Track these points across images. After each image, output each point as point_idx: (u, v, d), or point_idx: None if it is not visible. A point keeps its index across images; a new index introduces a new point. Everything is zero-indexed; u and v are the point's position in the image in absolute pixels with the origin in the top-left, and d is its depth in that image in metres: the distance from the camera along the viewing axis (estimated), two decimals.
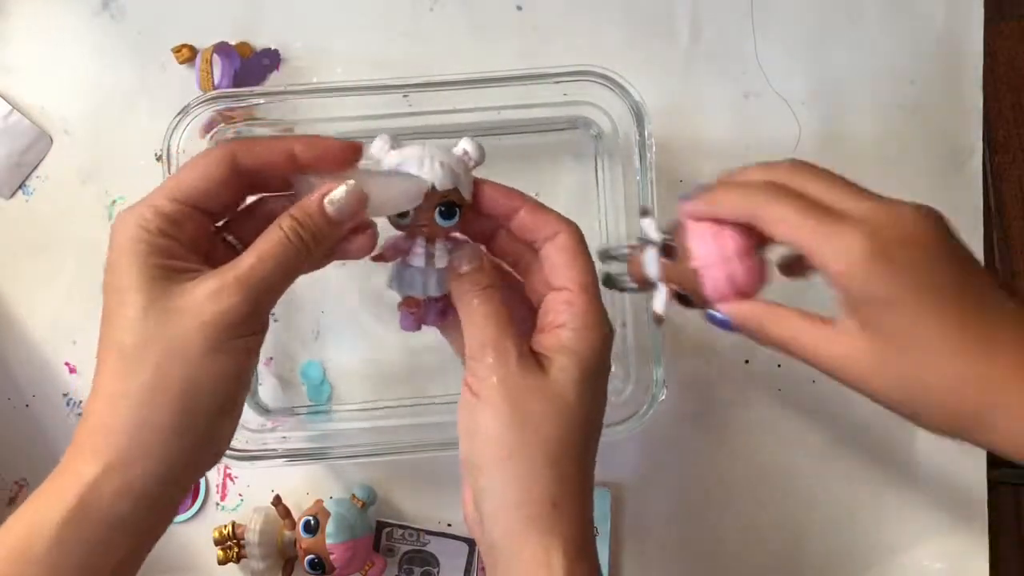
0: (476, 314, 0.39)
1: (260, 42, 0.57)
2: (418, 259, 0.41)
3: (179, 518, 0.57)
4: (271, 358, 0.56)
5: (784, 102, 0.57)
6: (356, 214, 0.38)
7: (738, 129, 0.57)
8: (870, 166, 0.57)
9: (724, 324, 0.38)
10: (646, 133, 0.48)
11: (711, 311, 0.38)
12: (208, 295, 0.35)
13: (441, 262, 0.41)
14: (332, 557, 0.53)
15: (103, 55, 0.57)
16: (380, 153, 0.42)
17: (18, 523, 0.34)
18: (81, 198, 0.57)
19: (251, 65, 0.56)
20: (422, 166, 0.40)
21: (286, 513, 0.55)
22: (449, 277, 0.41)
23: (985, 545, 0.57)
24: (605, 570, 0.56)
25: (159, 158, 0.56)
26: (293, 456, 0.50)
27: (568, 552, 0.35)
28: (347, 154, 0.39)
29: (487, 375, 0.37)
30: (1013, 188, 0.59)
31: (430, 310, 0.43)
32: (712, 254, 0.37)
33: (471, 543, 0.56)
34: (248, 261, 0.35)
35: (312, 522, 0.53)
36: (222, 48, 0.55)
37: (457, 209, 0.41)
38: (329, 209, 0.37)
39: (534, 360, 0.37)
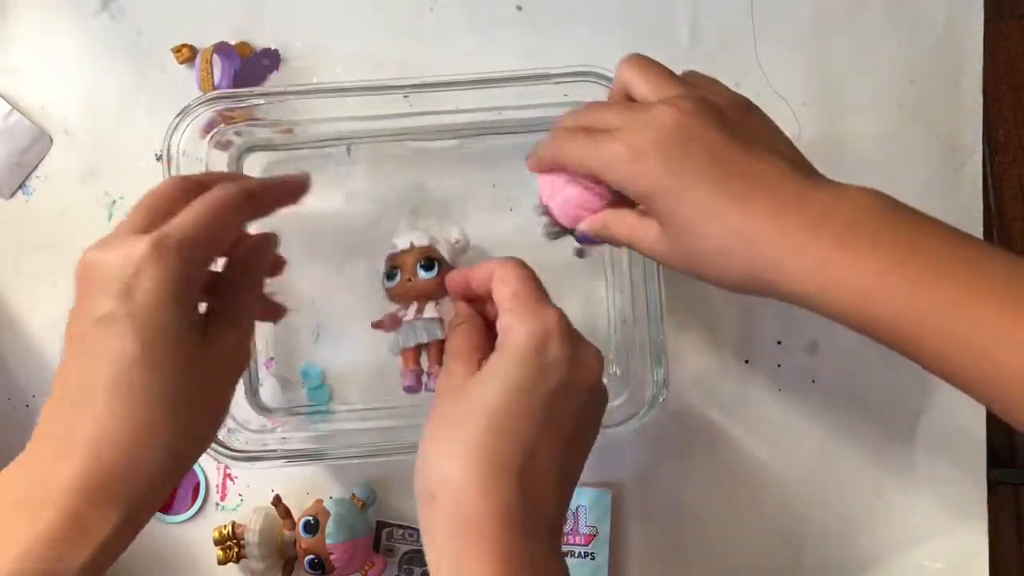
0: (447, 341, 0.43)
1: (260, 42, 0.57)
2: (409, 315, 0.49)
3: (179, 518, 0.57)
4: (272, 359, 0.56)
5: (784, 102, 0.57)
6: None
7: None
8: (870, 166, 0.57)
9: (585, 239, 0.44)
10: None
11: (576, 234, 0.44)
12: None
13: (430, 313, 0.49)
14: (332, 557, 0.53)
15: (103, 55, 0.57)
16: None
17: (38, 564, 0.33)
18: (81, 198, 0.57)
19: (251, 65, 0.56)
20: (404, 233, 0.50)
21: (286, 513, 0.55)
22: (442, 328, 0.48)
23: (985, 545, 0.57)
24: (605, 570, 0.56)
25: (159, 158, 0.56)
26: (293, 456, 0.50)
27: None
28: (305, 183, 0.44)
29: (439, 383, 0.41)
30: (1013, 188, 0.59)
31: (427, 358, 0.50)
32: (547, 189, 0.44)
33: None
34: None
35: (312, 522, 0.53)
36: (222, 48, 0.55)
37: (436, 262, 0.49)
38: None
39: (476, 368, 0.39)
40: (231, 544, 0.54)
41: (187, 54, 0.56)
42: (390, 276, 0.50)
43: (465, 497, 0.35)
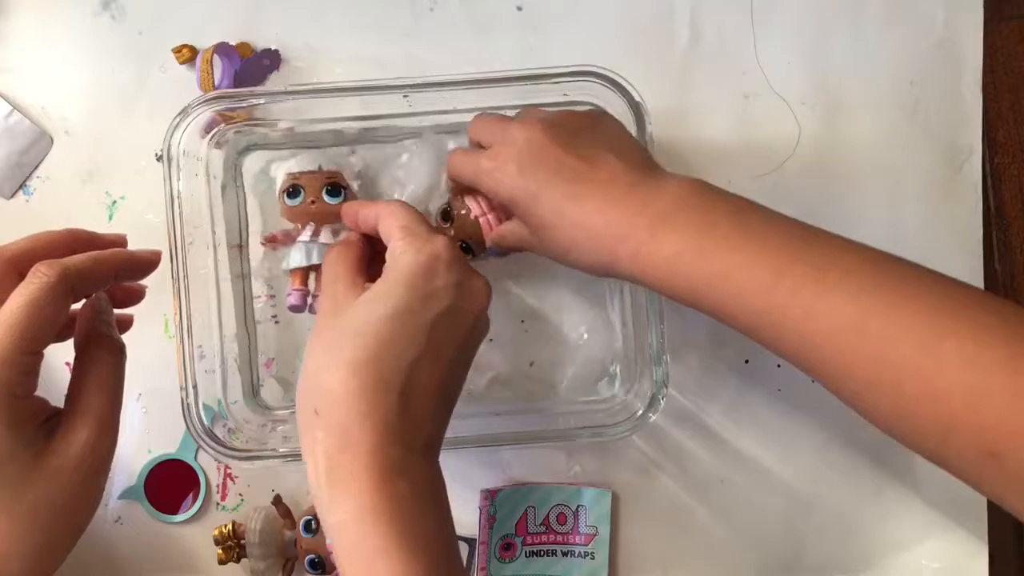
0: (328, 260, 0.45)
1: (260, 42, 0.57)
2: (305, 235, 0.49)
3: (179, 518, 0.57)
4: (272, 359, 0.56)
5: (784, 102, 0.57)
6: None
7: (738, 129, 0.57)
8: (870, 166, 0.57)
9: (492, 252, 0.50)
10: (646, 133, 0.48)
11: (489, 251, 0.50)
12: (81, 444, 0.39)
13: (326, 238, 0.50)
14: (332, 557, 0.53)
15: (103, 55, 0.57)
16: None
17: None
18: (81, 198, 0.57)
19: (251, 65, 0.56)
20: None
21: (286, 513, 0.55)
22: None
23: (985, 545, 0.57)
24: (605, 570, 0.56)
25: (159, 158, 0.56)
26: (293, 456, 0.50)
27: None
28: (154, 260, 0.45)
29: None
30: (1013, 188, 0.59)
31: (315, 281, 0.50)
32: (476, 209, 0.50)
33: (471, 543, 0.56)
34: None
35: (312, 522, 0.53)
36: (222, 48, 0.55)
37: (343, 189, 0.50)
38: None
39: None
40: (231, 544, 0.54)
41: (187, 54, 0.56)
42: (292, 194, 0.50)
43: (347, 411, 0.37)
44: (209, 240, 0.52)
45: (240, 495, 0.57)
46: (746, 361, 0.57)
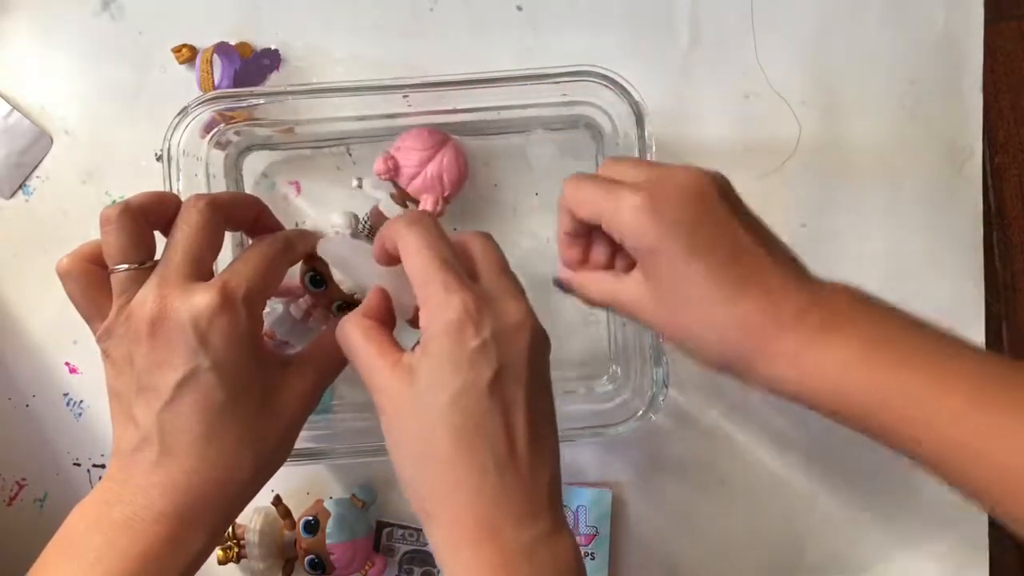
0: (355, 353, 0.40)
1: (260, 42, 0.57)
2: (297, 310, 0.48)
3: None
4: None
5: (784, 102, 0.57)
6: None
7: (738, 129, 0.57)
8: (870, 166, 0.57)
9: (560, 286, 0.45)
10: (646, 133, 0.48)
11: (558, 279, 0.45)
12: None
13: (313, 324, 0.48)
14: (332, 557, 0.53)
15: (103, 55, 0.57)
16: (337, 228, 0.49)
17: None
18: (81, 198, 0.57)
19: (251, 65, 0.56)
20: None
21: (286, 513, 0.55)
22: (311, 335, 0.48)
23: (985, 546, 0.57)
24: (605, 570, 0.56)
25: (159, 158, 0.55)
26: (293, 456, 0.50)
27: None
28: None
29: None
30: (1013, 188, 0.59)
31: (281, 348, 0.49)
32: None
33: None
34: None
35: (312, 522, 0.53)
36: (222, 48, 0.55)
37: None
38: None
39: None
40: (231, 544, 0.54)
41: (187, 54, 0.56)
42: (317, 284, 0.46)
43: (450, 506, 0.36)
44: None
45: None
46: None
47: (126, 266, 0.39)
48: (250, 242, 0.44)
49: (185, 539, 0.38)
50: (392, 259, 0.40)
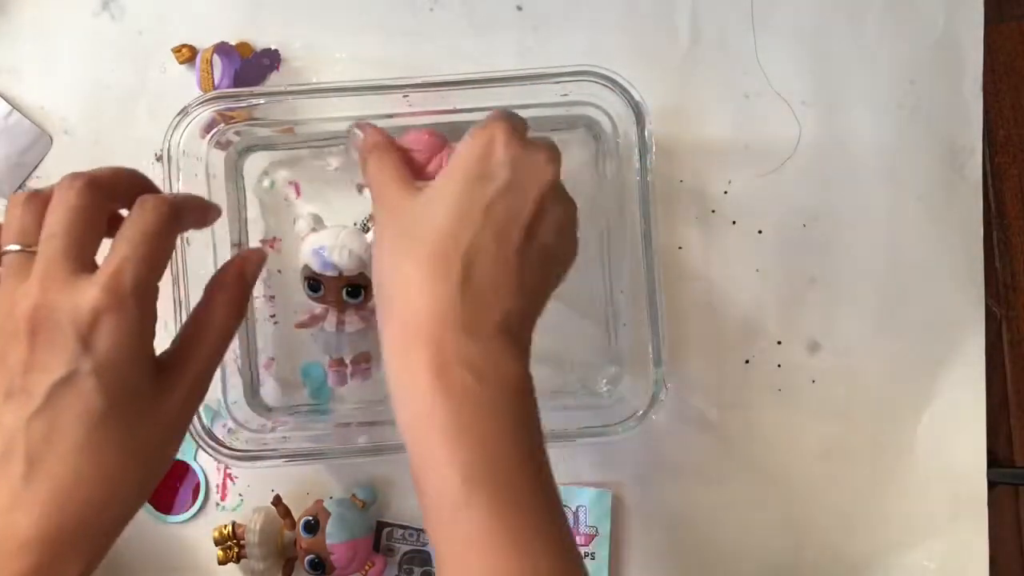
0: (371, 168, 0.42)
1: (260, 42, 0.57)
2: (329, 325, 0.50)
3: (179, 518, 0.57)
4: (272, 359, 0.56)
5: (784, 102, 0.57)
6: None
7: (738, 129, 0.57)
8: (870, 166, 0.57)
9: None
10: (646, 133, 0.48)
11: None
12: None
13: (351, 327, 0.50)
14: (332, 557, 0.53)
15: (103, 55, 0.57)
16: (301, 233, 0.51)
17: None
18: None
19: (251, 65, 0.56)
20: (333, 253, 0.48)
21: (286, 513, 0.55)
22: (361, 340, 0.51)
23: (985, 545, 0.57)
24: (605, 570, 0.56)
25: (159, 158, 0.55)
26: (293, 456, 0.50)
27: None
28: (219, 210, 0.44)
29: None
30: (1013, 188, 0.59)
31: (355, 370, 0.53)
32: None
33: None
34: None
35: (312, 522, 0.53)
36: (222, 48, 0.55)
37: (362, 289, 0.50)
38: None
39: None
40: (231, 544, 0.54)
41: (187, 54, 0.56)
42: (312, 287, 0.50)
43: (413, 297, 0.37)
44: (209, 240, 0.52)
45: (240, 495, 0.57)
46: (746, 361, 0.57)
47: (17, 247, 0.36)
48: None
49: (55, 571, 0.34)
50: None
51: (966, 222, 0.57)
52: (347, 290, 0.49)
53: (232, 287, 0.41)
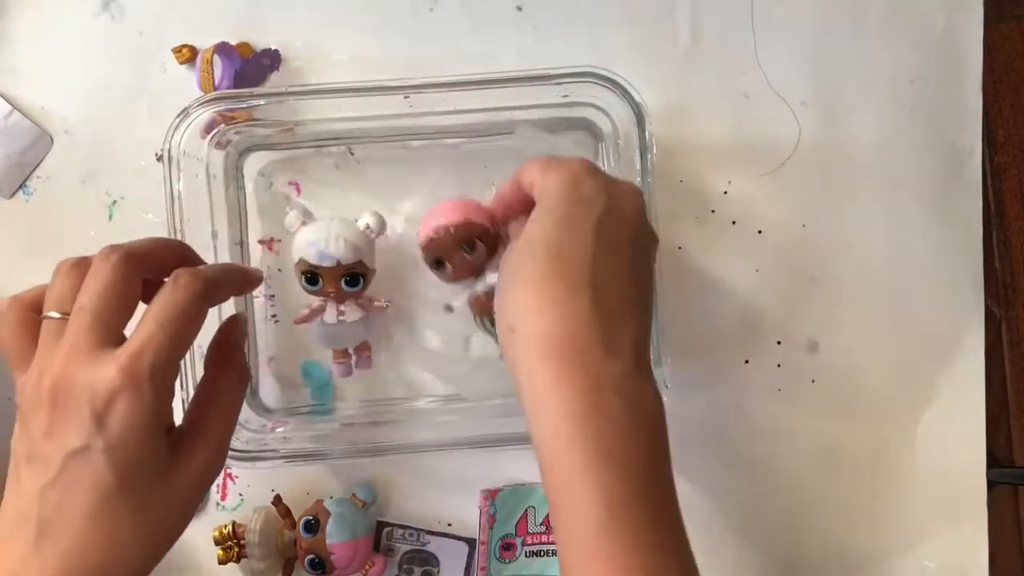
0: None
1: (260, 42, 0.57)
2: (330, 316, 0.50)
3: None
4: (272, 358, 0.56)
5: (784, 102, 0.57)
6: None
7: (738, 129, 0.57)
8: (870, 166, 0.57)
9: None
10: (647, 134, 0.48)
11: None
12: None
13: (352, 317, 0.50)
14: (332, 557, 0.53)
15: (103, 55, 0.57)
16: (291, 227, 0.50)
17: None
18: (81, 198, 0.57)
19: (251, 65, 0.56)
20: (329, 244, 0.48)
21: (286, 513, 0.55)
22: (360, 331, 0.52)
23: (984, 545, 0.57)
24: None
25: (159, 158, 0.56)
26: (293, 456, 0.50)
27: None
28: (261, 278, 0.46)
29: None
30: (1013, 188, 0.59)
31: (359, 358, 0.54)
32: None
33: (471, 543, 0.56)
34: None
35: (312, 522, 0.53)
36: (222, 48, 0.55)
37: (360, 277, 0.50)
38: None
39: None
40: (231, 544, 0.54)
41: (188, 54, 0.56)
42: (310, 280, 0.50)
43: (539, 319, 0.37)
44: (209, 242, 0.52)
45: (240, 495, 0.57)
46: (746, 361, 0.57)
47: (57, 315, 0.37)
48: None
49: None
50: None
51: (966, 222, 0.57)
52: (346, 279, 0.50)
53: (227, 359, 0.43)
